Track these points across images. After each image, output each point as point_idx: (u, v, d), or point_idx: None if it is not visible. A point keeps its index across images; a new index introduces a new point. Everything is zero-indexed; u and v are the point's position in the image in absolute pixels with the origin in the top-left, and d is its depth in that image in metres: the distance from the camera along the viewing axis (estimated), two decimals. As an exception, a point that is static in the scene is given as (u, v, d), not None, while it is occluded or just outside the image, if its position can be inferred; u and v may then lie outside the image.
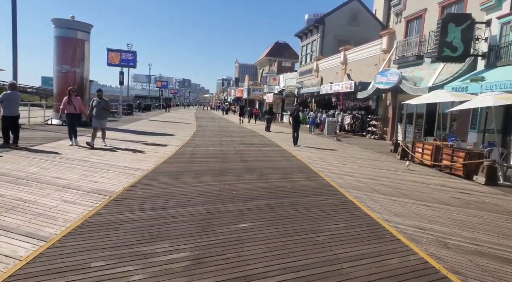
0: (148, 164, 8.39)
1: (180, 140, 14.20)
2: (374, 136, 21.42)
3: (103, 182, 6.29)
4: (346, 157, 12.11)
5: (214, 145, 13.40)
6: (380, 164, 10.80)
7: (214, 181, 6.94)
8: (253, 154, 11.31)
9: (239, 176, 7.59)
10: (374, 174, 8.87)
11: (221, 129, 21.74)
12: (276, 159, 10.64)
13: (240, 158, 10.37)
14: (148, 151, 10.52)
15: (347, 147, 15.64)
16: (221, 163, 9.17)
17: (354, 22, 34.34)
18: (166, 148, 11.60)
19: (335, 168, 9.55)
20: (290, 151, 12.67)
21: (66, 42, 17.02)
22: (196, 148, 12.07)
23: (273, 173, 8.20)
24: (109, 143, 11.54)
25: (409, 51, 18.48)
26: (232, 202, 5.48)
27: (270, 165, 9.40)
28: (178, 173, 7.57)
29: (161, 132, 17.13)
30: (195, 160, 9.49)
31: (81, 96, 17.62)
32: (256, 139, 16.60)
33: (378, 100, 21.87)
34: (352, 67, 25.60)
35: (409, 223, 4.98)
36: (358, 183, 7.61)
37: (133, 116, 30.57)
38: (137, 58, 29.28)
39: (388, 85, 17.62)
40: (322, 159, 11.16)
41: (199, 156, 10.39)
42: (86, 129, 15.35)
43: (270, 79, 47.93)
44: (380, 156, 13.02)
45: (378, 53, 22.10)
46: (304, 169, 9.09)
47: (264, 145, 14.19)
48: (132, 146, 11.41)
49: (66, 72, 17.03)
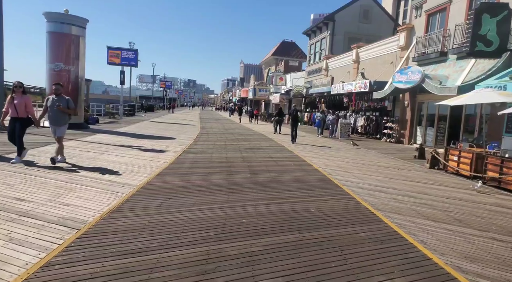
0: (139, 176, 7.01)
1: (181, 145, 12.84)
2: (390, 139, 19.91)
3: (76, 205, 4.92)
4: (368, 164, 10.67)
5: (219, 150, 12.02)
6: (409, 175, 9.33)
7: (218, 202, 5.54)
8: (263, 162, 9.90)
9: (250, 194, 6.17)
10: (408, 189, 7.43)
11: (226, 132, 20.36)
12: (290, 168, 9.23)
13: (248, 167, 8.97)
14: (143, 159, 9.16)
15: (364, 152, 14.18)
16: (226, 175, 7.77)
17: (365, 19, 32.81)
18: (164, 154, 10.24)
19: (360, 180, 8.11)
20: (303, 157, 11.25)
21: (59, 38, 15.74)
22: (198, 155, 10.69)
23: (290, 188, 6.79)
24: (100, 149, 10.20)
25: (431, 48, 16.97)
26: (239, 239, 4.05)
27: (285, 177, 7.98)
28: (173, 190, 6.18)
29: (162, 136, 15.79)
30: (196, 171, 8.10)
31: (76, 97, 16.41)
32: (265, 143, 15.19)
33: (395, 101, 20.35)
34: (365, 65, 24.10)
35: (493, 274, 3.54)
36: (395, 202, 6.17)
37: (134, 118, 29.32)
38: (138, 57, 28.00)
39: (408, 85, 16.12)
40: (342, 168, 9.73)
41: (201, 165, 9.01)
42: (78, 133, 14.08)
43: (277, 79, 46.51)
44: (405, 163, 11.55)
45: (394, 50, 20.58)
46: (326, 182, 7.66)
47: (274, 151, 12.77)
48: (126, 153, 10.05)
49: (59, 71, 15.75)
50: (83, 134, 14.06)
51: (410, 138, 18.92)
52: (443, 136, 16.62)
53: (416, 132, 18.80)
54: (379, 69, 22.07)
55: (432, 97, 17.01)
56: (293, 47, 53.36)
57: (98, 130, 16.05)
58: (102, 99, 44.66)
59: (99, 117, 22.36)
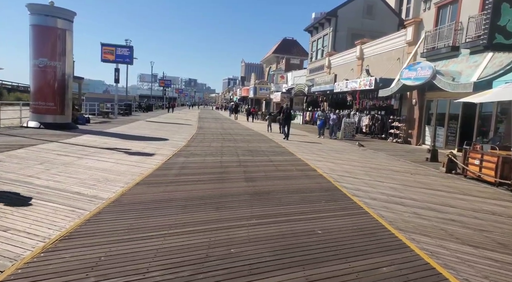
0: (114, 187, 5.98)
1: (173, 146, 11.81)
2: (397, 140, 18.84)
3: (18, 229, 3.86)
4: (378, 169, 9.61)
5: (213, 153, 10.98)
6: (425, 181, 8.28)
7: (202, 222, 4.49)
8: (262, 167, 8.85)
9: (243, 210, 5.12)
10: (428, 199, 6.38)
11: (224, 132, 19.32)
12: (292, 174, 8.18)
13: (244, 173, 7.93)
14: (125, 164, 8.12)
15: (372, 154, 13.12)
16: (218, 184, 6.72)
17: (369, 14, 31.70)
18: (151, 158, 9.20)
19: (372, 188, 7.06)
20: (306, 160, 10.20)
21: (44, 32, 14.70)
22: (189, 158, 9.64)
23: (291, 201, 5.74)
24: (80, 152, 9.16)
25: (441, 42, 15.89)
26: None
27: (286, 185, 6.94)
28: (150, 204, 5.13)
29: (154, 136, 14.75)
30: (183, 179, 7.06)
31: (63, 95, 15.41)
32: (265, 145, 14.14)
33: (402, 99, 19.27)
34: (370, 62, 23.02)
35: None
36: (417, 218, 5.12)
37: (130, 117, 28.29)
38: (133, 54, 26.96)
39: (418, 81, 15.04)
40: (349, 172, 8.68)
41: (190, 171, 7.96)
42: (63, 134, 13.01)
43: (278, 77, 45.45)
44: (417, 166, 10.50)
45: (401, 46, 19.49)
46: (333, 192, 6.61)
47: (275, 153, 11.72)
48: (108, 157, 9.02)
49: (44, 67, 14.71)
50: (68, 135, 13.03)
51: (418, 139, 17.85)
52: (454, 136, 15.55)
53: (425, 132, 17.73)
54: (385, 66, 21.00)
55: (443, 95, 15.94)
56: (295, 45, 52.25)
57: (86, 131, 15.03)
58: (102, 99, 43.55)
59: (90, 117, 21.33)
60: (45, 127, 14.80)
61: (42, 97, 14.97)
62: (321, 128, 19.40)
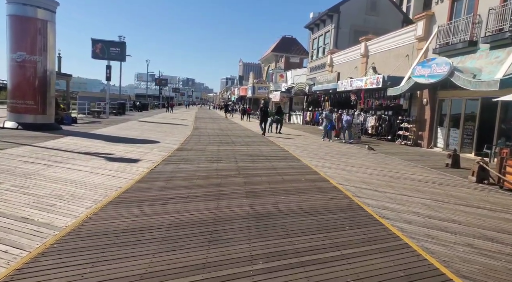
0: (79, 207, 4.65)
1: (163, 150, 10.48)
2: (406, 142, 17.58)
3: None
4: (398, 178, 8.33)
5: (209, 158, 9.66)
6: (459, 194, 6.99)
7: (186, 272, 3.18)
8: (265, 177, 7.53)
9: (242, 246, 3.78)
10: (477, 223, 5.08)
11: (221, 133, 17.99)
12: (301, 185, 6.87)
13: (245, 185, 6.61)
14: (102, 174, 6.80)
15: (384, 158, 11.84)
16: (212, 202, 5.40)
17: (372, 10, 30.45)
18: (135, 166, 7.87)
19: (401, 205, 5.77)
20: (314, 167, 8.90)
21: (22, 23, 13.32)
22: (180, 166, 8.32)
23: (304, 228, 4.43)
24: (53, 158, 7.80)
25: (456, 37, 14.63)
26: None
27: (296, 203, 5.62)
28: (120, 238, 3.81)
29: (144, 139, 13.41)
30: (169, 195, 5.73)
31: (44, 94, 14.04)
32: (265, 148, 12.82)
33: (412, 98, 18.03)
34: (375, 60, 21.75)
35: None
36: (480, 257, 3.82)
37: (122, 117, 26.89)
38: (126, 50, 25.58)
39: (433, 79, 13.77)
40: (367, 183, 7.38)
41: (179, 183, 6.64)
42: (42, 135, 11.59)
43: (277, 76, 44.11)
44: (440, 174, 9.22)
45: (411, 41, 18.24)
46: (354, 211, 5.31)
47: (278, 158, 10.41)
48: (85, 164, 7.68)
49: (22, 62, 13.34)
50: (47, 137, 11.68)
51: (430, 141, 16.60)
52: (471, 139, 14.31)
53: (437, 134, 16.49)
54: (392, 63, 19.74)
55: (458, 94, 14.72)
56: (294, 43, 50.93)
57: (69, 132, 13.66)
58: (97, 98, 41.86)
59: (79, 117, 19.96)
60: (23, 128, 13.44)
61: (21, 95, 13.61)
62: (329, 130, 17.48)
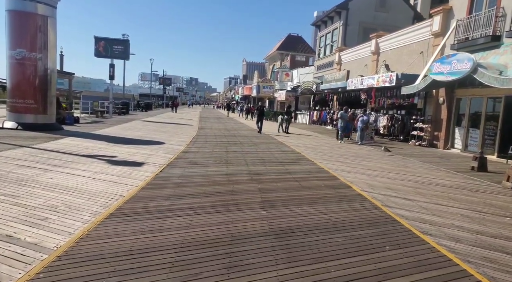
0: (75, 222, 4.02)
1: (169, 153, 9.86)
2: (420, 142, 16.84)
3: None
4: (423, 183, 7.64)
5: (217, 161, 9.02)
6: (499, 203, 6.28)
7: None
8: (281, 183, 6.88)
9: (269, 274, 3.12)
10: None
11: (228, 133, 17.36)
12: (322, 193, 6.20)
13: (260, 193, 5.96)
14: (104, 180, 6.17)
15: (403, 160, 11.14)
16: (225, 214, 4.75)
17: (382, 7, 29.66)
18: (139, 170, 7.25)
19: (439, 217, 5.08)
20: (332, 171, 8.23)
21: (22, 18, 12.75)
22: (187, 170, 7.68)
23: (336, 248, 3.77)
24: (51, 162, 7.17)
25: (477, 32, 13.87)
26: None
27: (320, 215, 4.96)
28: (121, 264, 3.16)
29: (148, 139, 12.81)
30: (177, 205, 5.09)
31: (45, 92, 13.48)
32: (276, 149, 12.16)
33: (427, 97, 17.27)
34: (387, 57, 21.01)
35: None
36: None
37: (126, 117, 26.34)
38: (130, 49, 25.01)
39: (453, 76, 13.03)
40: (393, 190, 6.70)
41: (187, 191, 5.99)
42: (42, 136, 10.95)
43: (282, 75, 43.40)
44: (469, 179, 8.50)
45: (425, 38, 17.48)
46: (389, 225, 4.64)
47: (290, 160, 9.75)
48: (85, 168, 7.06)
49: (22, 59, 12.77)
50: (47, 138, 11.10)
51: (446, 142, 15.85)
52: (493, 140, 13.55)
53: (454, 134, 15.72)
54: (405, 61, 19.01)
55: (478, 92, 13.99)
56: (300, 41, 50.17)
57: (71, 133, 13.09)
58: (101, 97, 41.61)
59: (81, 116, 19.41)
60: (23, 128, 12.89)
61: (21, 94, 13.05)
62: (344, 131, 16.58)
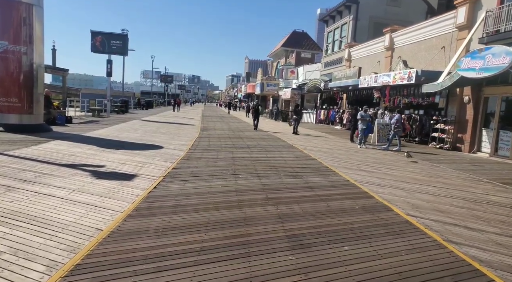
0: (16, 285, 2.69)
1: (166, 160, 8.51)
2: (442, 145, 15.44)
3: None
4: (476, 201, 6.27)
5: (223, 171, 7.66)
6: None
7: None
8: (304, 204, 5.51)
9: None
10: None
11: (233, 135, 15.99)
12: (360, 220, 4.84)
13: (281, 220, 4.60)
14: (80, 201, 4.83)
15: (432, 168, 9.76)
16: (240, 261, 3.38)
17: (394, 1, 28.21)
18: (129, 186, 5.90)
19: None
20: (361, 185, 6.87)
21: (3, 7, 11.41)
22: (187, 185, 6.32)
23: None
24: (20, 175, 5.83)
25: (510, 23, 12.45)
26: None
27: (374, 259, 3.61)
28: None
29: (145, 143, 11.46)
30: (173, 245, 3.72)
31: (30, 90, 12.15)
32: (288, 154, 10.79)
33: (449, 96, 15.85)
34: (402, 53, 19.59)
35: None
36: None
37: (125, 116, 25.00)
38: (128, 44, 23.66)
39: (488, 72, 11.62)
40: (445, 212, 5.33)
41: (186, 219, 4.63)
42: (23, 139, 9.49)
43: (287, 73, 41.98)
44: (522, 194, 7.13)
45: (447, 31, 16.06)
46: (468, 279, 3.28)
47: (308, 170, 8.37)
48: (61, 185, 5.71)
49: (4, 53, 11.44)
50: (30, 141, 9.77)
51: (472, 145, 14.46)
52: (528, 143, 12.17)
53: (481, 137, 14.32)
54: (423, 56, 17.61)
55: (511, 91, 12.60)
56: (305, 37, 48.67)
57: (59, 135, 11.75)
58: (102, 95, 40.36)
59: (75, 116, 18.09)
60: (5, 130, 11.59)
61: (3, 92, 11.74)
62: (367, 134, 14.96)
